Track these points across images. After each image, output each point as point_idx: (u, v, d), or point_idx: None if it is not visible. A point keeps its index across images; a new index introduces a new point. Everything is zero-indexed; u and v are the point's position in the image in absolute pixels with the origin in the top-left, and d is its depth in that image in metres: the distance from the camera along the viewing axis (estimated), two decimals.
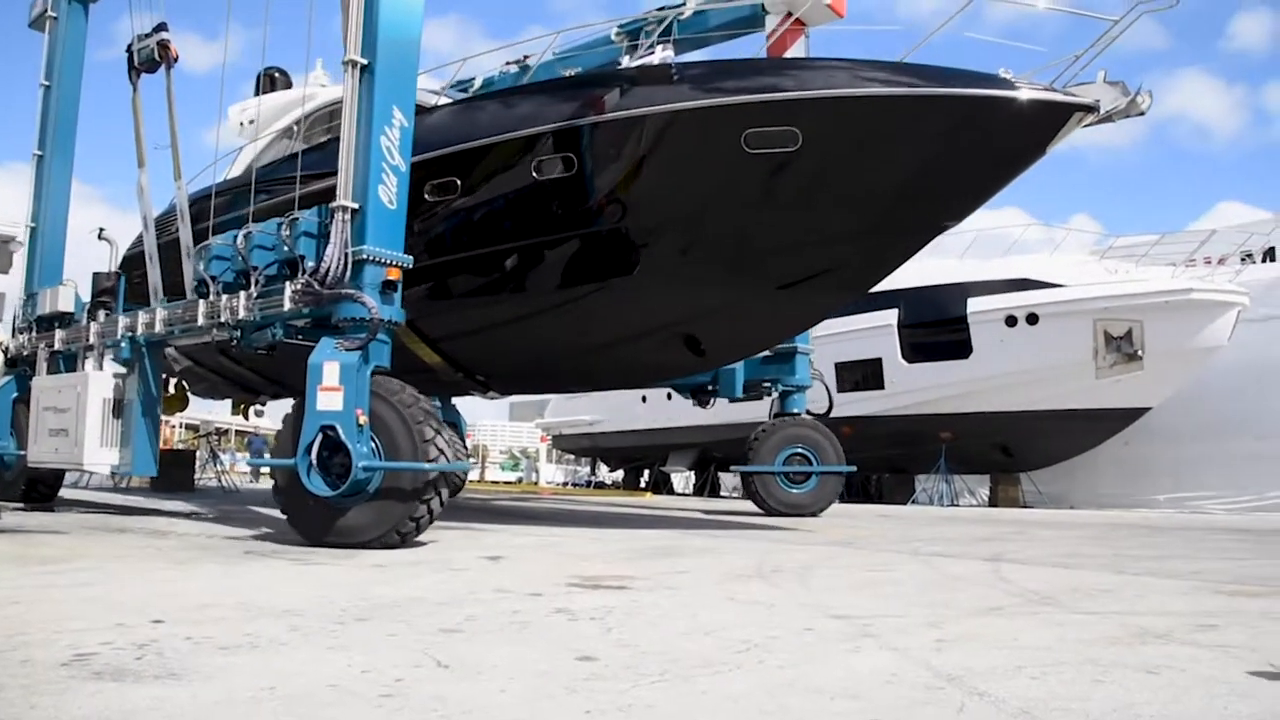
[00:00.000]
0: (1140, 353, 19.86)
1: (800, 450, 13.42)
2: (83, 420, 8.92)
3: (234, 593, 4.30)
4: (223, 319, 7.85)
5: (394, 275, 7.07)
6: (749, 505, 14.74)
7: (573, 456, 43.94)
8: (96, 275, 10.18)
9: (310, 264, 7.12)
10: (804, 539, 9.00)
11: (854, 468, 13.89)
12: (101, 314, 9.78)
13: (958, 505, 22.88)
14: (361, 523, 6.62)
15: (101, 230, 10.73)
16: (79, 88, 11.58)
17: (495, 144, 9.25)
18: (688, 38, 11.39)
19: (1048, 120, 7.94)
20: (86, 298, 10.32)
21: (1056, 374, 20.22)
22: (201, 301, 8.11)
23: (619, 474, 36.57)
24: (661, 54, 9.96)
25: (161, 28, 10.17)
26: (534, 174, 8.98)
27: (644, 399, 27.08)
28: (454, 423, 18.08)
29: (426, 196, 9.00)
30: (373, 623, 3.51)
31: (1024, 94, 7.81)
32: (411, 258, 7.23)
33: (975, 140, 8.05)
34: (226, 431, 31.30)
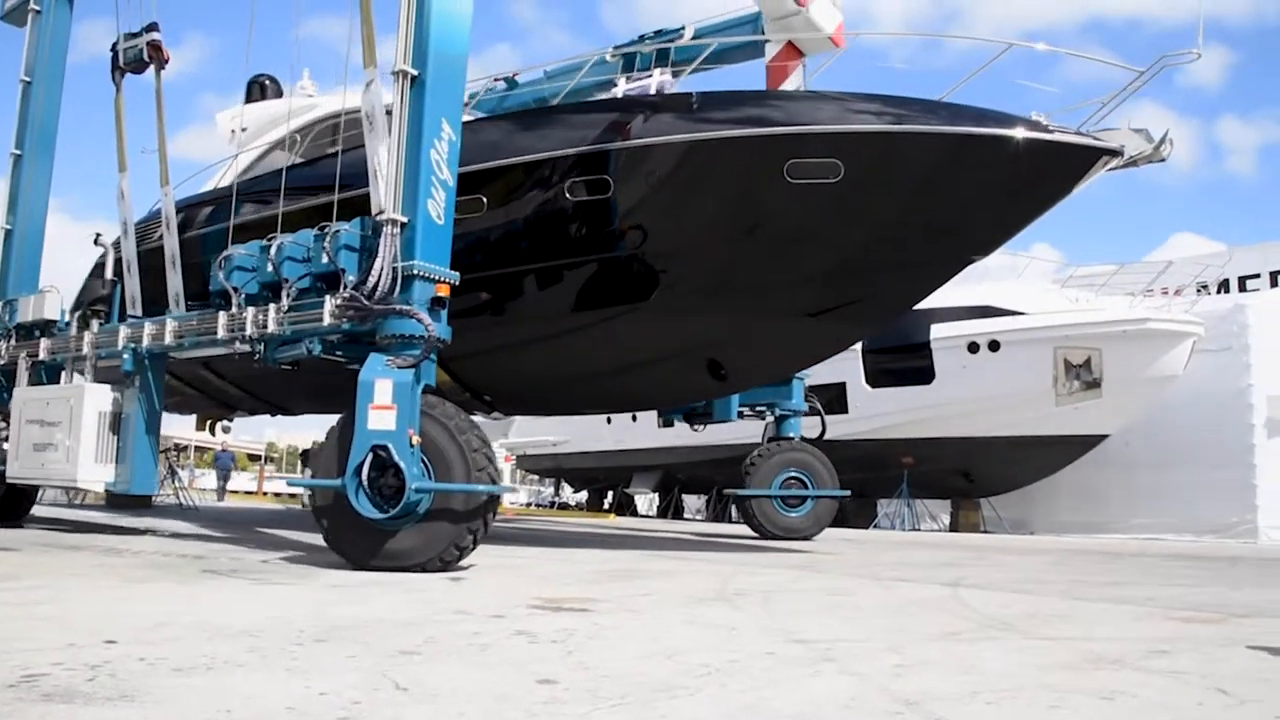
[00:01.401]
0: (1099, 380, 20.19)
1: (796, 474, 13.47)
2: (77, 435, 8.62)
3: (190, 612, 4.24)
4: (248, 332, 7.62)
5: (443, 292, 6.92)
6: (713, 527, 14.76)
7: (537, 477, 43.72)
8: (90, 282, 9.92)
9: (351, 278, 6.94)
10: (767, 562, 9.03)
11: (849, 492, 13.99)
12: (95, 323, 9.53)
13: (919, 530, 23.06)
14: (411, 545, 6.46)
15: (98, 236, 10.51)
16: (61, 85, 11.32)
17: (520, 165, 9.20)
18: (686, 63, 11.54)
19: (1077, 163, 8.34)
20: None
21: (1017, 401, 20.48)
22: (223, 313, 7.90)
23: (583, 495, 36.45)
24: (659, 78, 10.07)
25: (153, 28, 10.00)
26: (565, 196, 8.96)
27: (609, 420, 27.06)
28: None
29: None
30: (331, 644, 3.47)
31: (1057, 137, 8.17)
32: (459, 274, 7.11)
33: (1008, 179, 8.37)
34: (186, 447, 30.83)
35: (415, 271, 6.74)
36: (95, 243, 10.51)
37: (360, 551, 6.56)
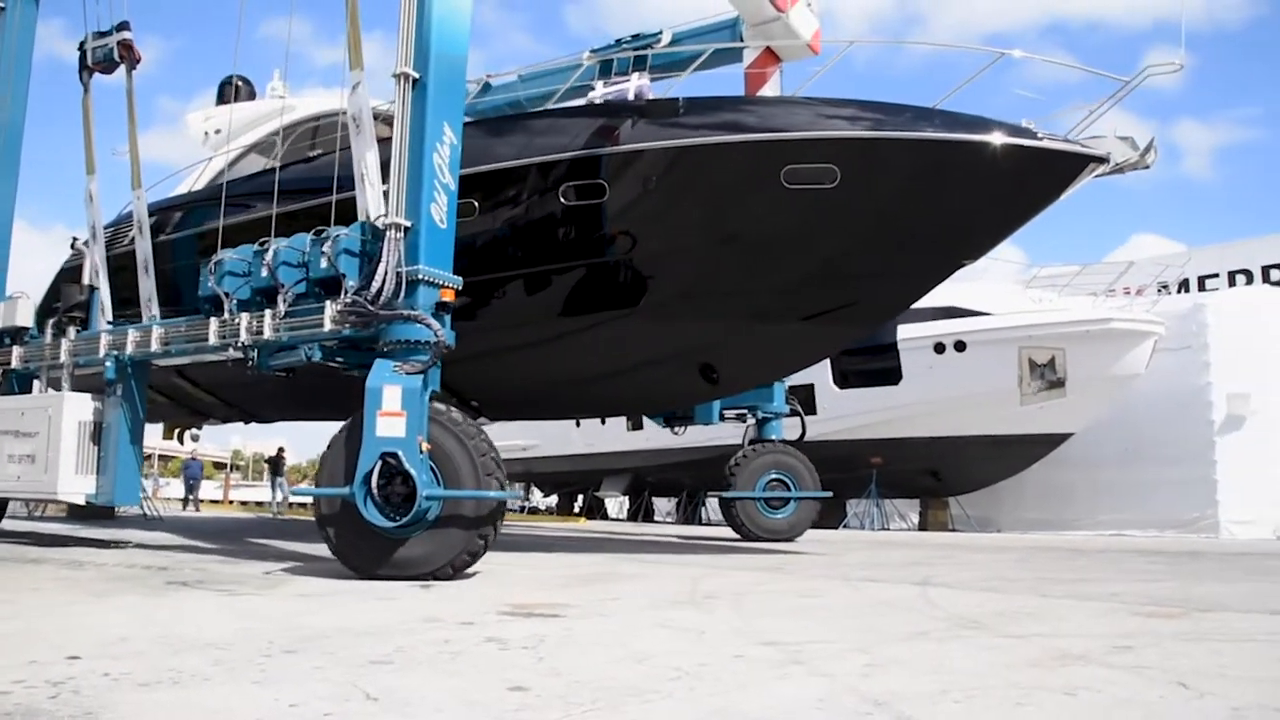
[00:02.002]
0: (1063, 380, 20.46)
1: (779, 476, 13.56)
2: (56, 445, 8.41)
3: (155, 625, 4.18)
4: (242, 339, 7.49)
5: (448, 296, 6.87)
6: (683, 530, 14.78)
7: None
8: (66, 288, 9.72)
9: (352, 283, 6.87)
10: (737, 564, 9.06)
11: (830, 493, 14.08)
12: (72, 330, 9.34)
13: (889, 529, 23.24)
14: (421, 554, 6.41)
15: (75, 240, 10.31)
16: (27, 85, 11.08)
17: (513, 169, 9.15)
18: (663, 68, 11.54)
19: (1066, 169, 8.54)
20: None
21: (983, 400, 20.70)
22: (214, 319, 7.78)
23: (553, 499, 36.37)
24: (637, 82, 10.08)
25: (123, 27, 9.83)
26: (558, 201, 8.94)
27: (578, 424, 27.10)
28: None
29: None
30: (300, 655, 3.44)
31: (1047, 145, 8.38)
32: (461, 279, 7.06)
33: (1000, 184, 8.54)
34: (150, 455, 30.40)
35: (420, 276, 6.69)
36: (72, 246, 10.30)
37: (368, 561, 6.47)
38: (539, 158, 9.10)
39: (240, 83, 13.73)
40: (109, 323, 9.32)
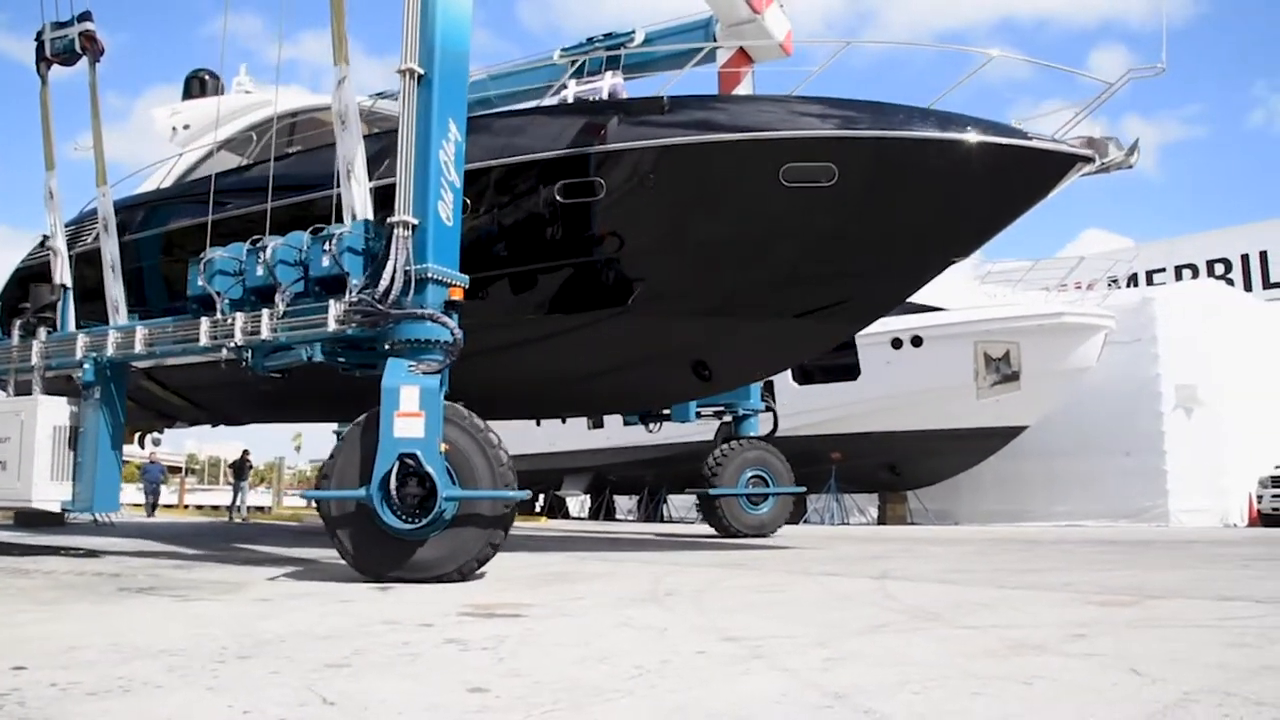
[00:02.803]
0: (1018, 373, 20.78)
1: (758, 472, 13.69)
2: (30, 451, 8.12)
3: (106, 633, 4.09)
4: (236, 340, 7.32)
5: (457, 295, 6.77)
6: (645, 527, 14.80)
7: None
8: (36, 288, 9.45)
9: (355, 281, 6.76)
10: (699, 560, 9.08)
11: (805, 489, 14.21)
12: (43, 332, 9.07)
13: (848, 524, 23.45)
14: (439, 555, 6.32)
15: (45, 239, 10.02)
16: None
17: (509, 166, 9.05)
18: (635, 67, 11.54)
19: (1055, 168, 8.73)
20: None
21: (940, 395, 20.96)
22: (205, 319, 7.58)
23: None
24: (611, 81, 10.06)
25: (85, 17, 9.57)
26: (555, 199, 8.86)
27: (538, 423, 27.04)
28: None
29: None
30: (256, 660, 3.38)
31: (1037, 144, 8.58)
32: (468, 277, 6.97)
33: (991, 183, 8.73)
34: None
35: (429, 275, 6.59)
36: (44, 245, 10.02)
37: (383, 565, 6.34)
38: (532, 155, 9.03)
39: (207, 77, 13.43)
40: (92, 324, 9.10)
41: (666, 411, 14.51)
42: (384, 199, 7.40)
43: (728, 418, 14.60)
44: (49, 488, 8.24)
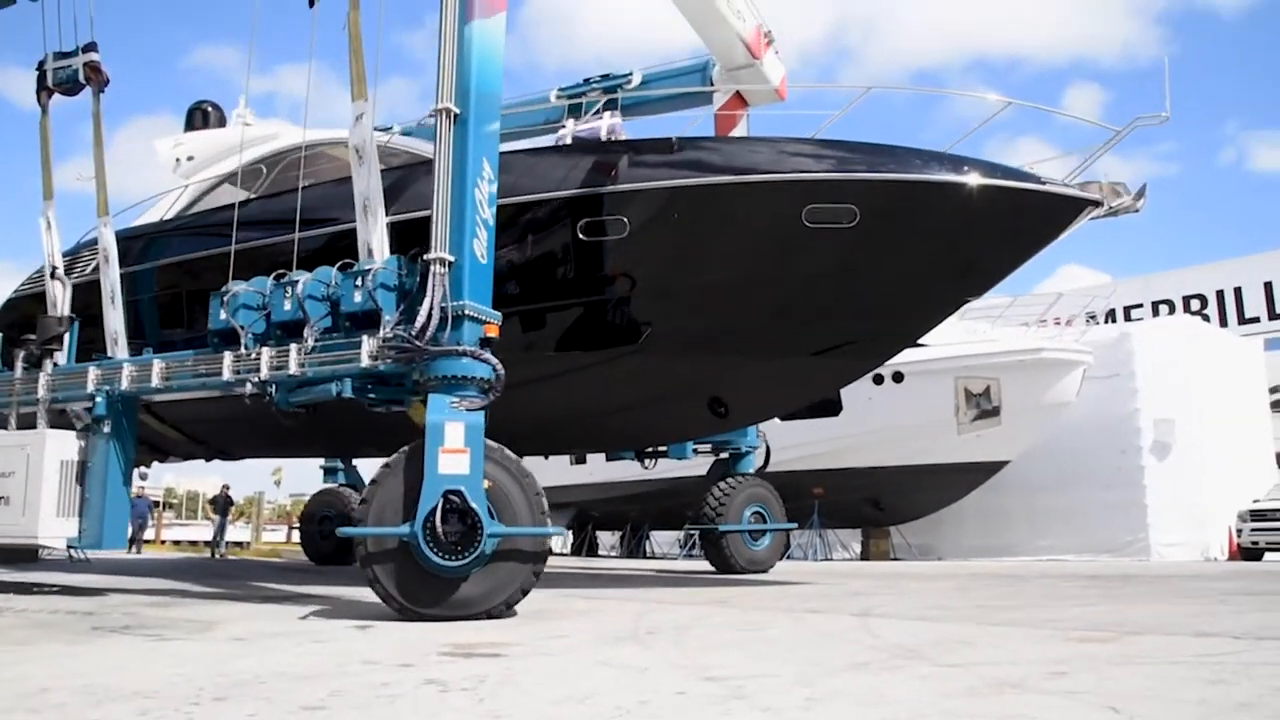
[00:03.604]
0: (998, 409, 20.90)
1: (758, 509, 13.77)
2: (37, 486, 7.95)
3: (78, 674, 4.03)
4: (262, 374, 7.29)
5: (492, 332, 6.80)
6: (626, 564, 14.74)
7: None
8: (43, 319, 9.37)
9: (389, 317, 6.81)
10: (681, 598, 9.03)
11: (795, 525, 14.29)
12: (49, 364, 8.96)
13: (831, 559, 23.40)
14: (480, 592, 6.31)
15: (55, 269, 9.96)
16: None
17: (531, 203, 9.12)
18: (635, 106, 11.72)
19: (1066, 212, 8.97)
20: None
21: (922, 430, 21.04)
22: (228, 353, 7.56)
23: None
24: (610, 121, 10.20)
25: (90, 48, 9.61)
26: (578, 236, 8.95)
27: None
28: (354, 485, 17.55)
29: None
30: (231, 701, 3.35)
31: (1050, 189, 8.81)
32: (500, 314, 7.02)
33: (1006, 225, 8.94)
34: None
35: (466, 312, 6.62)
36: (52, 276, 9.95)
37: (424, 603, 6.28)
38: (554, 193, 9.11)
39: (210, 109, 13.44)
40: (103, 357, 9.04)
41: (663, 448, 14.54)
42: (397, 234, 7.54)
43: (724, 454, 14.64)
44: (55, 524, 8.07)
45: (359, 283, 7.02)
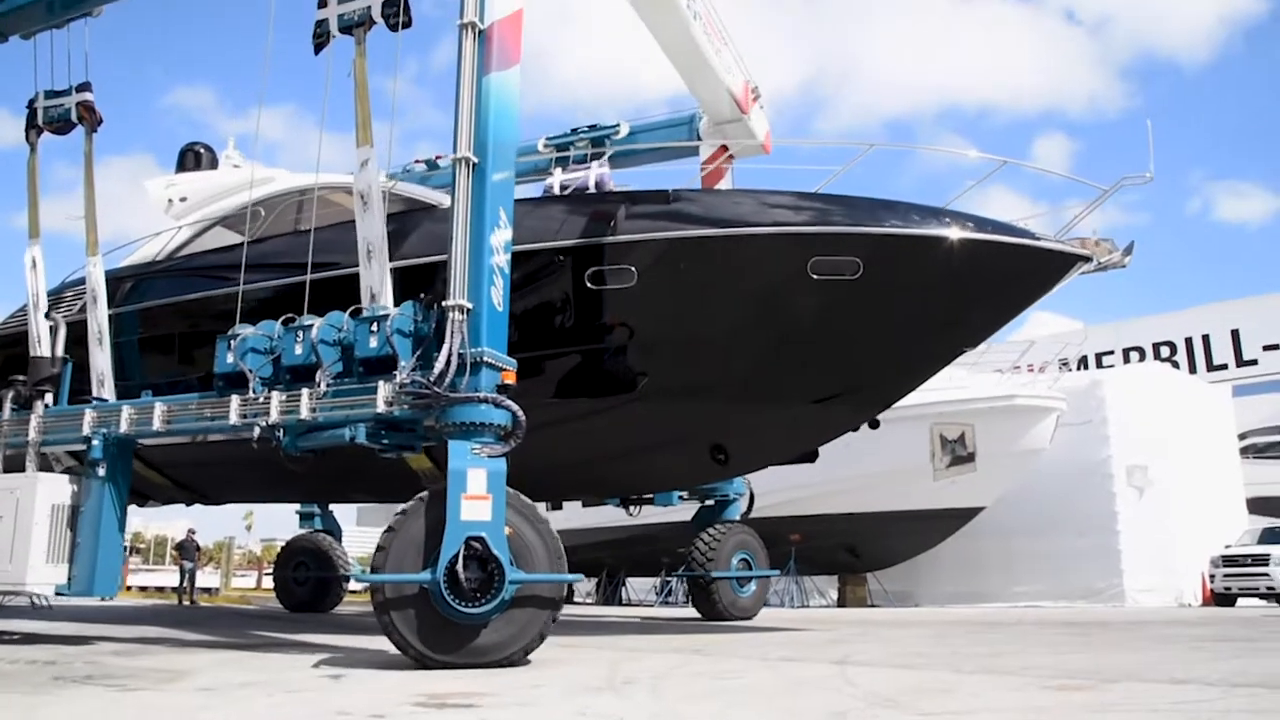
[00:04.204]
0: (973, 455, 21.00)
1: (745, 556, 13.82)
2: (26, 531, 7.76)
3: None
4: (272, 418, 7.25)
5: (509, 379, 6.82)
6: (603, 610, 14.62)
7: None
8: (36, 360, 9.23)
9: (404, 363, 6.82)
10: (657, 645, 8.95)
11: (779, 571, 14.28)
12: (41, 405, 8.81)
13: (808, 606, 23.29)
14: (499, 639, 6.28)
15: (49, 310, 9.85)
16: None
17: (541, 251, 9.19)
18: (621, 156, 11.94)
19: (1058, 268, 9.28)
20: None
21: (898, 476, 21.08)
22: (236, 397, 7.50)
23: None
24: (598, 171, 10.36)
25: (84, 87, 9.64)
26: (584, 285, 9.04)
27: None
28: (331, 531, 17.36)
29: None
30: None
31: (1044, 245, 9.12)
32: (515, 361, 7.05)
33: (1001, 279, 9.24)
34: None
35: (484, 358, 6.66)
36: (46, 315, 9.84)
37: (444, 650, 6.22)
38: (559, 242, 9.20)
39: (202, 150, 13.43)
40: (99, 399, 8.92)
41: (649, 495, 14.52)
42: (400, 279, 7.65)
43: (709, 501, 14.63)
44: (45, 570, 7.87)
45: (374, 328, 7.06)
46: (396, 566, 6.31)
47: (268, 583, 38.97)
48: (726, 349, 9.49)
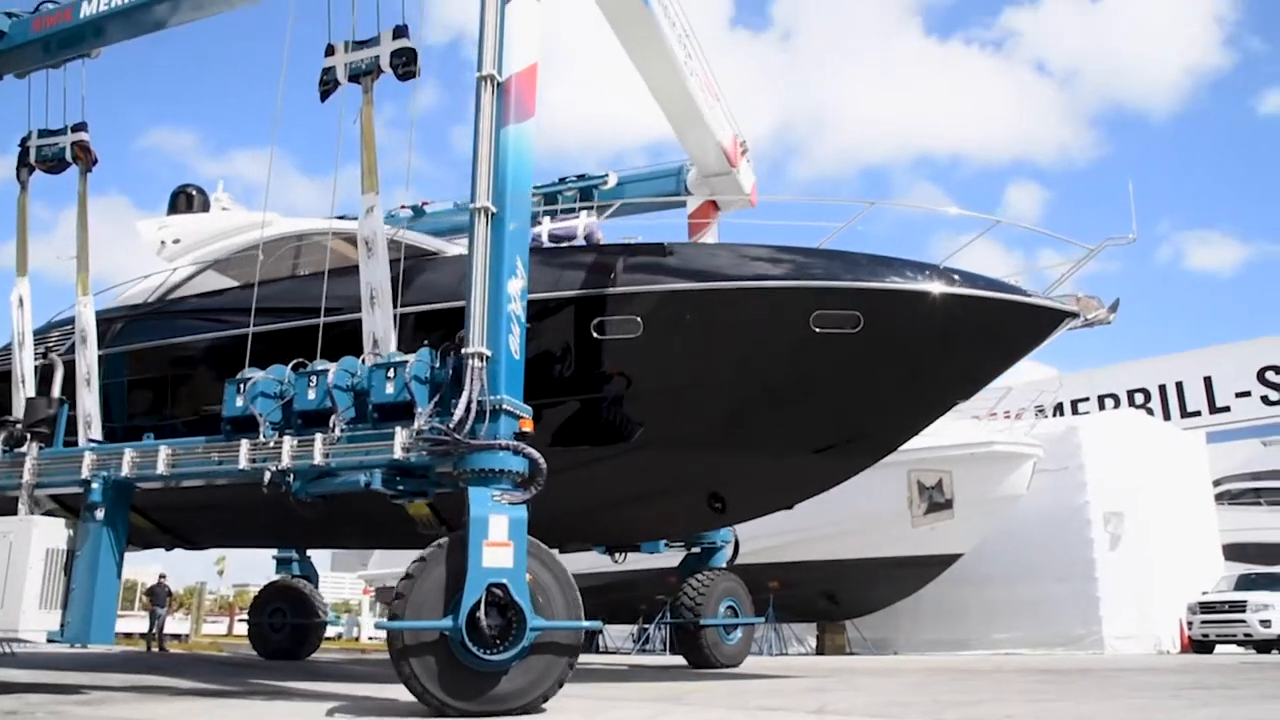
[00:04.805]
0: (951, 501, 21.03)
1: (731, 603, 13.78)
2: (20, 576, 7.58)
3: None
4: (284, 463, 7.20)
5: (527, 427, 6.85)
6: (581, 658, 14.38)
7: None
8: (32, 401, 9.09)
9: (421, 410, 6.84)
10: (634, 693, 8.85)
11: (763, 619, 14.24)
12: (35, 447, 8.63)
13: (787, 654, 23.11)
14: (519, 686, 6.24)
15: (48, 350, 9.72)
16: None
17: (555, 300, 9.29)
18: (607, 207, 12.15)
19: (1048, 323, 9.60)
20: None
21: (876, 523, 21.06)
22: (245, 441, 7.46)
23: None
24: (586, 220, 10.52)
25: (80, 128, 9.65)
26: (589, 335, 9.17)
27: None
28: (308, 576, 17.14)
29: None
30: None
31: (1035, 301, 9.44)
32: (531, 409, 7.06)
33: (994, 334, 9.55)
34: None
35: (503, 406, 6.68)
36: (44, 355, 9.72)
37: (465, 698, 6.15)
38: (568, 292, 9.30)
39: (194, 192, 13.41)
40: (95, 442, 8.82)
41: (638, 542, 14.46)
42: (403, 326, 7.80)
43: (696, 549, 14.60)
44: (38, 617, 7.67)
45: (390, 374, 7.08)
46: (416, 613, 6.26)
47: (240, 629, 38.27)
48: (730, 399, 9.67)
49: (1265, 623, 21.00)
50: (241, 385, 7.69)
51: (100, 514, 8.05)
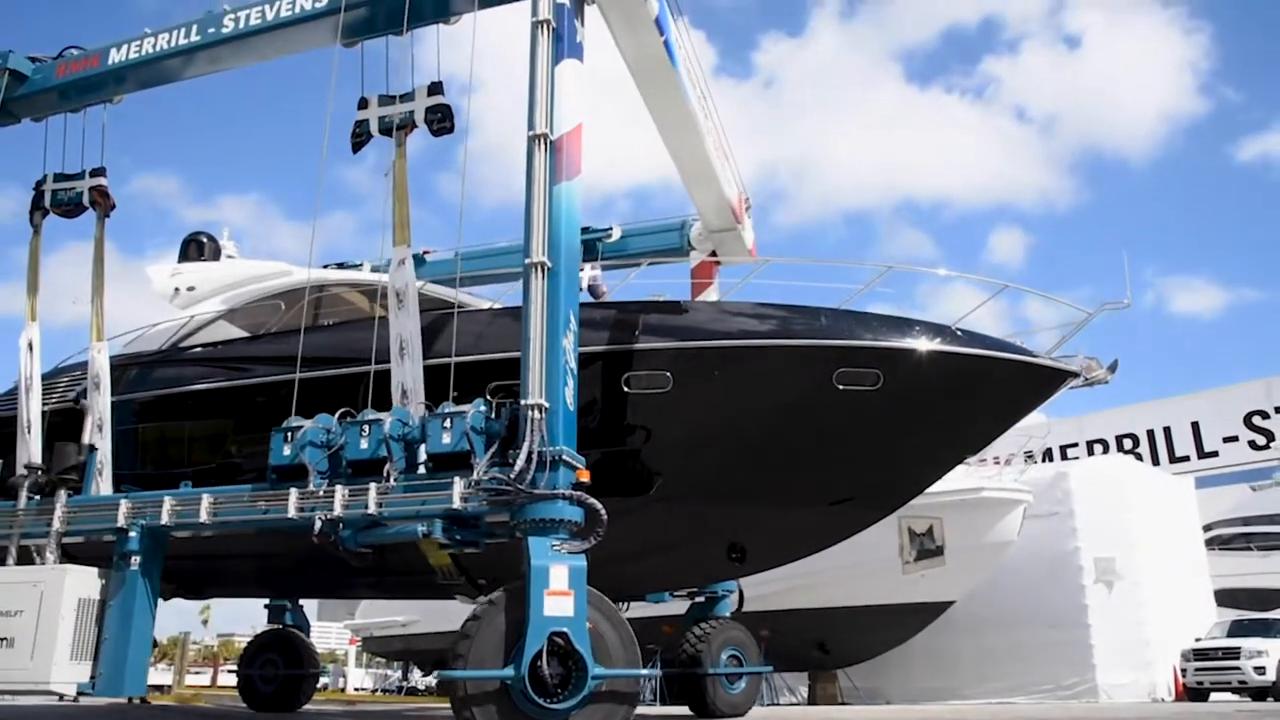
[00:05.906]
0: (942, 548, 20.91)
1: (735, 652, 13.69)
2: (51, 627, 7.45)
3: None
4: (336, 511, 7.18)
5: (584, 477, 6.93)
6: None
7: (384, 660, 41.32)
8: (61, 447, 8.99)
9: (478, 460, 6.91)
10: None
11: (770, 667, 14.20)
12: (63, 494, 8.55)
13: (778, 704, 22.82)
14: None
15: (80, 398, 9.63)
16: None
17: (595, 355, 9.35)
18: (611, 259, 12.35)
19: (1051, 383, 9.96)
20: None
21: (867, 570, 20.89)
22: (294, 490, 7.45)
23: (433, 679, 34.58)
24: (590, 273, 10.72)
25: (99, 172, 9.67)
26: (621, 389, 9.26)
27: (455, 598, 26.22)
28: (300, 626, 16.88)
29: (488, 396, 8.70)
30: None
31: (1040, 362, 9.83)
32: (584, 459, 7.16)
33: (1003, 393, 9.95)
34: None
35: (562, 457, 6.78)
36: (76, 403, 9.63)
37: None
38: (603, 346, 9.36)
39: (205, 239, 13.39)
40: (131, 491, 8.73)
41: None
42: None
43: (700, 598, 14.54)
44: (69, 668, 7.52)
45: (447, 424, 7.13)
46: (478, 662, 6.34)
47: (225, 680, 37.61)
48: (754, 453, 9.88)
49: (1260, 669, 20.87)
50: (289, 434, 7.67)
51: (135, 562, 7.94)
